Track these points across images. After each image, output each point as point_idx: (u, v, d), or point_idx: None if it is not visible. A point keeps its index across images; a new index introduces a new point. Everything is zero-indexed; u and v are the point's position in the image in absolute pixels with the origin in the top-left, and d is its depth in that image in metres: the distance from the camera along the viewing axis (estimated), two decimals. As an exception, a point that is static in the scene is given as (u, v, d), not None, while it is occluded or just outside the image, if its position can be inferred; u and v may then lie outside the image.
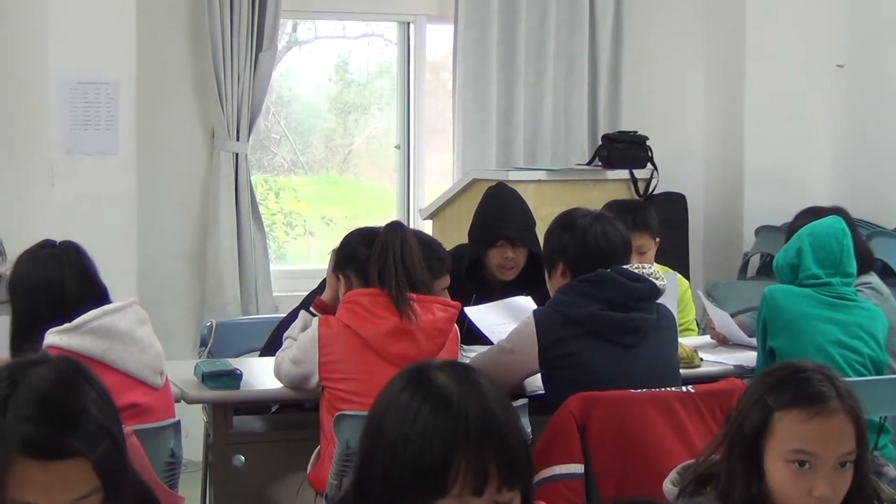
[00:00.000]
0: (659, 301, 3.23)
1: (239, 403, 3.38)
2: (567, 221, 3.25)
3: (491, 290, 3.83)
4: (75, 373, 1.50)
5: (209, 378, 3.23)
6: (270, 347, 3.47)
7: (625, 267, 3.20)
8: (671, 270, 4.09)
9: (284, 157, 5.89)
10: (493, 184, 4.04)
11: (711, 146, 5.93)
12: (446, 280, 3.45)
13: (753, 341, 3.73)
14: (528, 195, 4.16)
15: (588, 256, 3.18)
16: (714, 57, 5.89)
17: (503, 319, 3.63)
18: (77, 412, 1.45)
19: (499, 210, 3.87)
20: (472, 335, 3.63)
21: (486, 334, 3.61)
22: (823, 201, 4.63)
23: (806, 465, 1.88)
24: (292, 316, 3.39)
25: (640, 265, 3.31)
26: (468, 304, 3.64)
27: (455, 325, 3.15)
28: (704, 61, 5.91)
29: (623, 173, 5.44)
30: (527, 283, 3.79)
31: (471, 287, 3.79)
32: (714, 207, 5.92)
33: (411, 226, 4.65)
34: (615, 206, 3.99)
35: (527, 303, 3.66)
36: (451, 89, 5.71)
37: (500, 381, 3.14)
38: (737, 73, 5.76)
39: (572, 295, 3.13)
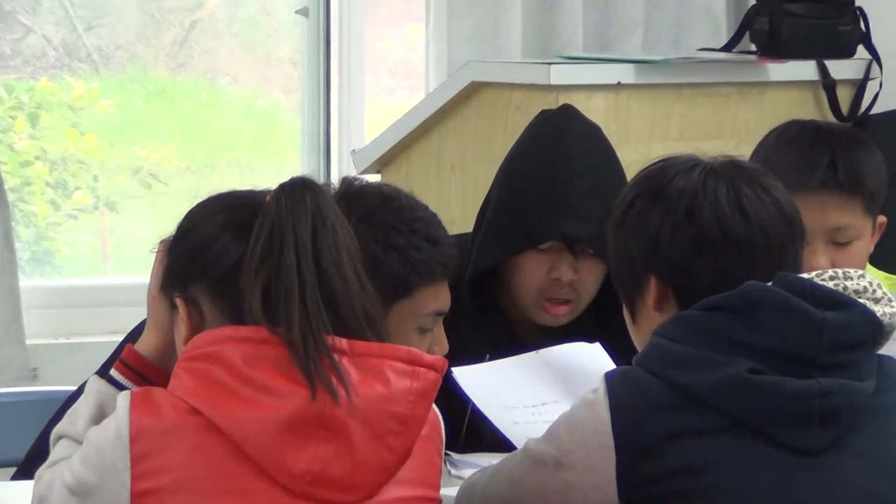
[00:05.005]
0: (882, 351, 3.28)
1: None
2: (655, 188, 3.33)
3: (521, 340, 3.93)
4: None
5: None
6: (37, 459, 3.45)
7: (804, 276, 3.25)
8: (910, 284, 4.15)
9: (49, 40, 5.94)
10: (553, 108, 4.10)
11: None
12: (445, 294, 3.52)
13: None
14: (597, 117, 4.22)
15: (707, 255, 3.25)
16: None
17: (538, 396, 3.74)
18: None
19: (556, 172, 3.97)
20: (477, 431, 3.70)
21: (499, 427, 3.70)
22: None
23: None
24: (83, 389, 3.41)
25: (837, 271, 3.33)
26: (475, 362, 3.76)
27: (435, 406, 3.18)
28: None
29: (804, 69, 5.59)
30: (597, 324, 3.91)
31: (481, 331, 3.90)
32: None
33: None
34: (789, 138, 4.12)
35: (589, 358, 3.77)
36: None
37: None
38: None
39: (687, 339, 3.19)
